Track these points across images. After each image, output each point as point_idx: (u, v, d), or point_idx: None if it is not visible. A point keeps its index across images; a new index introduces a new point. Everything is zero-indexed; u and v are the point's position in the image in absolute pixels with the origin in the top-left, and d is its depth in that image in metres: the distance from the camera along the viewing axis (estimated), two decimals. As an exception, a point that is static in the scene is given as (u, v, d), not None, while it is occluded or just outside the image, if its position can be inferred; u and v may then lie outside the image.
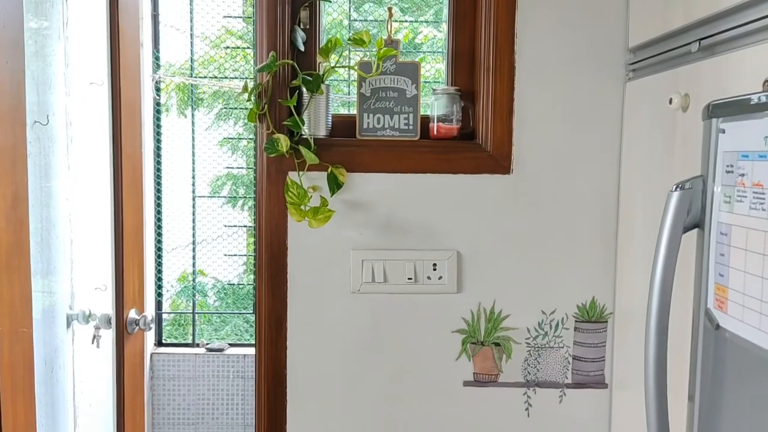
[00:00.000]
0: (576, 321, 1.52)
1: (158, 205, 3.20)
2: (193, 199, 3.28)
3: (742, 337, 0.76)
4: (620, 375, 1.49)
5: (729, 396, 0.80)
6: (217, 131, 3.38)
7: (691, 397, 0.88)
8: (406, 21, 3.26)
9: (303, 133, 1.45)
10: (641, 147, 1.37)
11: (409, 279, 1.49)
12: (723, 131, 0.85)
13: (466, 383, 1.52)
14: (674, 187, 0.88)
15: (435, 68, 3.22)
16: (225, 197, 3.59)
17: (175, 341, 3.31)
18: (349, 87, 2.89)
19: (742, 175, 0.80)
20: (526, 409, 1.53)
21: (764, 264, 0.73)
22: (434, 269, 1.50)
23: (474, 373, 1.52)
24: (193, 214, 3.28)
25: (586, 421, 1.53)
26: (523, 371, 1.52)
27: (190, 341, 3.26)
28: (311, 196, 1.44)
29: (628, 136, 1.44)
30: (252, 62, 3.37)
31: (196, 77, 3.29)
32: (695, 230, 0.90)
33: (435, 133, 1.51)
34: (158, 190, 3.20)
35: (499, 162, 1.48)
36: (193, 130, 3.24)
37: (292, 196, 1.42)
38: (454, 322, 1.51)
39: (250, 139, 3.47)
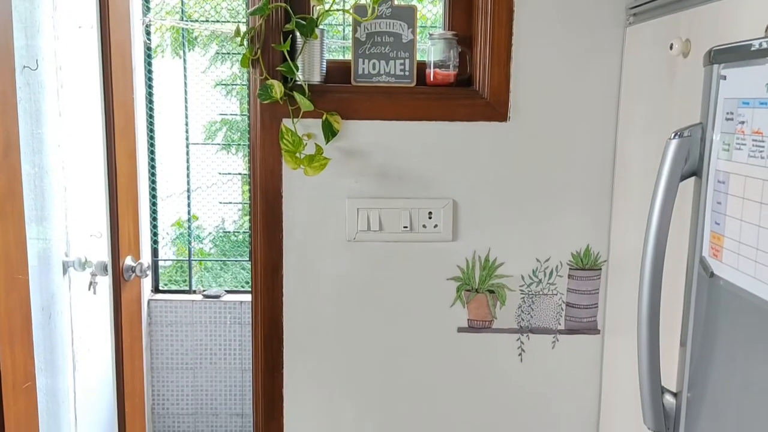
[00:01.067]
0: (570, 268, 1.53)
1: (151, 152, 3.17)
2: (187, 146, 3.25)
3: (736, 284, 0.76)
4: (612, 321, 1.50)
5: (721, 342, 0.81)
6: (213, 74, 3.33)
7: (683, 343, 0.89)
8: (402, -37, 3.17)
9: (297, 79, 1.42)
10: (640, 94, 1.35)
11: (404, 227, 1.49)
12: (724, 78, 0.83)
13: (461, 329, 1.54)
14: (673, 134, 0.87)
15: (432, 12, 3.16)
16: (219, 144, 3.56)
17: (172, 288, 3.34)
18: (344, 31, 2.83)
19: (742, 122, 0.79)
20: (519, 354, 1.55)
21: (761, 212, 0.73)
22: (429, 217, 1.50)
23: (468, 320, 1.54)
24: (187, 161, 3.25)
25: (578, 366, 1.55)
26: (517, 318, 1.54)
27: (186, 288, 3.28)
28: (306, 144, 1.43)
29: (627, 83, 1.43)
30: (245, 3, 3.30)
31: (188, 19, 3.22)
32: (692, 178, 0.89)
33: (431, 79, 1.49)
34: (151, 137, 3.17)
35: (496, 109, 1.46)
36: (185, 75, 3.19)
37: (287, 143, 1.41)
38: (449, 270, 1.52)
39: (244, 85, 3.42)
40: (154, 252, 3.25)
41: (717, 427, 0.82)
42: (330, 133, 1.43)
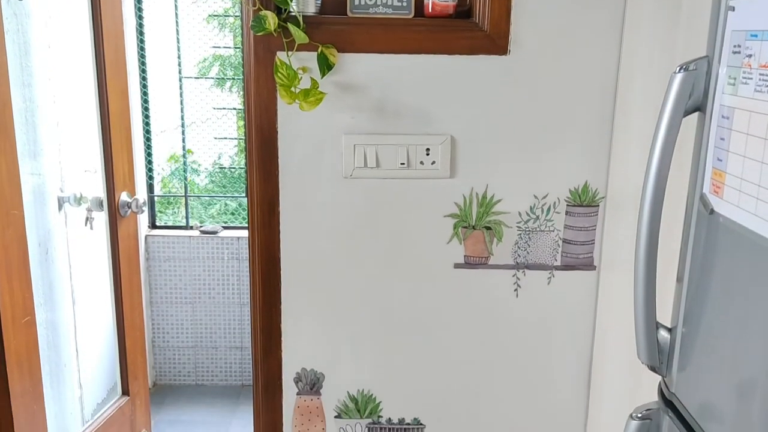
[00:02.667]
0: (567, 205, 1.52)
1: (144, 86, 3.11)
2: (180, 80, 3.19)
3: (737, 222, 0.76)
4: (608, 257, 1.51)
5: (718, 279, 0.81)
6: (205, 5, 3.23)
7: (680, 279, 0.89)
8: None
9: (291, 9, 1.38)
10: (644, 27, 1.31)
11: (401, 164, 1.48)
12: (732, 9, 0.80)
13: (457, 265, 1.54)
14: (678, 68, 0.85)
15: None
16: (213, 78, 3.50)
17: (168, 224, 3.34)
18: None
19: (750, 56, 0.77)
20: (515, 290, 1.56)
21: (765, 149, 0.72)
22: (427, 154, 1.48)
23: (465, 256, 1.54)
24: (181, 95, 3.20)
25: (573, 301, 1.57)
26: (513, 254, 1.54)
27: (183, 224, 3.28)
28: (301, 78, 1.40)
29: (630, 16, 1.39)
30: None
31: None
32: (695, 114, 0.87)
33: (430, 10, 1.44)
34: (143, 71, 3.11)
35: (495, 42, 1.43)
36: (176, 6, 3.10)
37: (282, 77, 1.37)
38: (447, 207, 1.51)
39: (237, 16, 3.33)
40: (150, 188, 3.24)
41: (710, 361, 0.83)
42: (326, 66, 1.40)
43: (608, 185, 1.51)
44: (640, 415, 0.94)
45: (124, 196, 2.26)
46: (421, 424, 1.62)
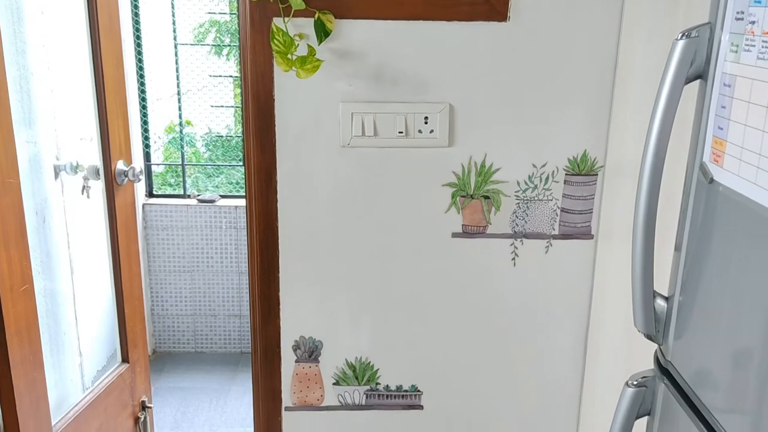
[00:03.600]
0: (566, 174, 1.52)
1: (138, 53, 3.08)
2: (175, 47, 3.16)
3: (736, 191, 0.75)
4: (606, 227, 1.51)
5: (716, 248, 0.81)
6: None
7: (678, 248, 0.89)
8: None
9: (288, -26, 1.36)
10: (646, -7, 1.29)
11: (399, 133, 1.47)
12: (737, -26, 0.79)
13: (455, 235, 1.54)
14: (680, 35, 0.84)
15: None
16: (209, 45, 3.46)
17: (166, 193, 3.33)
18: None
19: (753, 22, 0.75)
20: (513, 259, 1.56)
21: (766, 117, 0.71)
22: (425, 122, 1.47)
23: (463, 225, 1.54)
24: (176, 62, 3.17)
25: (571, 270, 1.57)
26: (511, 223, 1.54)
27: (181, 193, 3.28)
28: (298, 45, 1.38)
29: (633, -19, 1.36)
30: None
31: None
32: (696, 82, 0.87)
33: (429, -25, 1.42)
34: (137, 37, 3.07)
35: (495, 8, 1.41)
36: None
37: (278, 44, 1.36)
38: (445, 176, 1.51)
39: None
40: (147, 156, 3.22)
41: (706, 330, 0.83)
42: (323, 33, 1.38)
43: (607, 154, 1.50)
44: (635, 383, 0.95)
45: (120, 165, 2.24)
46: (418, 391, 1.63)
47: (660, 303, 0.93)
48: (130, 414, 2.40)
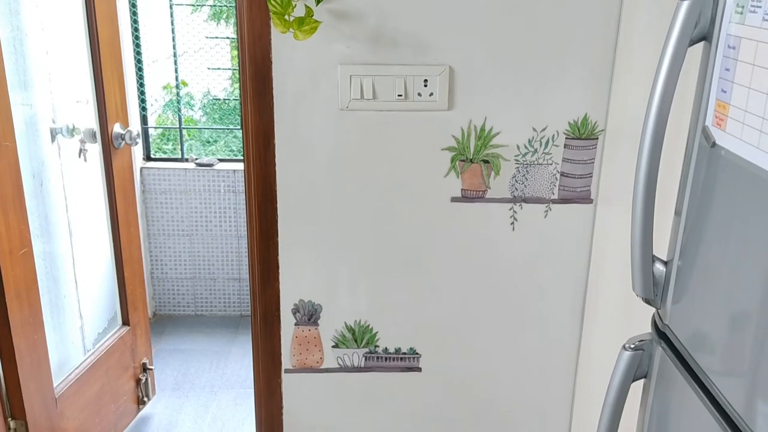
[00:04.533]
0: (566, 138, 1.51)
1: (134, 14, 3.03)
2: (171, 8, 3.11)
3: (739, 155, 0.75)
4: (606, 191, 1.51)
5: (717, 212, 0.81)
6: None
7: (678, 212, 0.89)
8: None
9: (285, -68, 1.33)
10: (651, -48, 1.27)
11: (399, 96, 1.45)
12: (745, -68, 0.77)
13: (454, 199, 1.54)
14: (685, -5, 0.82)
15: None
16: (206, 4, 3.40)
17: (164, 156, 3.31)
18: None
19: (760, -18, 0.74)
20: (512, 223, 1.56)
21: (771, 80, 0.70)
22: (425, 85, 1.45)
23: (462, 190, 1.53)
24: (172, 23, 3.12)
25: (570, 235, 1.57)
26: (511, 187, 1.54)
27: (179, 156, 3.26)
28: (295, 5, 1.35)
29: (637, -60, 1.34)
30: None
31: None
32: (701, 44, 0.85)
33: (429, -66, 1.39)
34: (133, -3, 3.02)
35: (497, -32, 1.38)
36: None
37: (275, 4, 1.33)
38: (444, 140, 1.50)
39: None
40: (143, 119, 3.20)
41: (705, 294, 0.83)
42: (321, -7, 1.36)
43: (608, 118, 1.49)
44: (632, 346, 0.96)
45: (117, 128, 2.23)
46: (417, 353, 1.65)
47: (659, 267, 0.93)
48: (131, 376, 2.42)
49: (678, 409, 0.89)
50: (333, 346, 1.63)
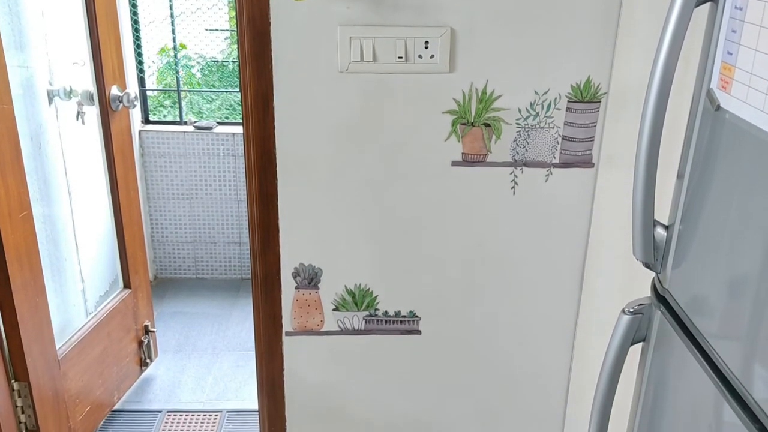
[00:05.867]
0: (568, 101, 1.49)
1: (130, -27, 2.98)
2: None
3: (743, 118, 0.74)
4: (607, 155, 1.50)
5: (720, 176, 0.80)
6: None
7: (681, 176, 0.88)
8: None
9: None
10: None
11: (399, 58, 1.43)
12: None
13: (455, 163, 1.53)
14: (693, -46, 0.80)
15: None
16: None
17: (162, 119, 3.29)
18: None
19: (770, -59, 0.72)
20: (512, 187, 1.56)
21: (779, 42, 0.69)
22: (426, 47, 1.43)
23: (462, 154, 1.52)
24: (169, -16, 3.07)
25: (570, 199, 1.57)
26: (512, 151, 1.53)
27: (177, 119, 3.24)
28: (295, -36, 1.33)
29: None
30: None
31: None
32: (707, 4, 0.84)
33: None
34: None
35: (500, -74, 1.35)
36: None
37: (274, -37, 1.30)
38: (445, 103, 1.48)
39: None
40: (141, 81, 3.17)
41: (706, 258, 0.83)
42: (320, -49, 1.33)
43: (611, 81, 1.47)
44: (632, 310, 0.96)
45: (114, 90, 2.21)
46: (416, 316, 1.66)
47: (659, 232, 0.93)
48: (133, 338, 2.45)
49: (676, 372, 0.89)
50: (333, 309, 1.64)
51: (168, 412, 2.39)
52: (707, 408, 0.80)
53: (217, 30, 3.36)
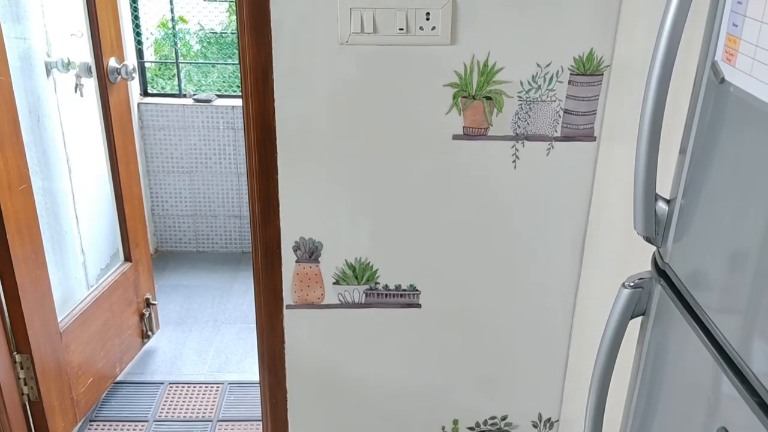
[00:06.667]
0: (571, 74, 1.48)
1: (127, -58, 2.94)
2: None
3: (747, 91, 0.73)
4: (609, 128, 1.49)
5: (722, 150, 0.79)
6: None
7: (683, 150, 0.88)
8: None
9: None
10: None
11: (400, 30, 1.41)
12: None
13: (456, 137, 1.52)
14: (700, -77, 0.79)
15: None
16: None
17: (161, 92, 3.27)
18: None
19: None
20: (514, 161, 1.55)
21: (785, 13, 0.68)
22: (427, 19, 1.41)
23: (464, 127, 1.51)
24: (167, -47, 3.03)
25: (571, 173, 1.56)
26: (513, 125, 1.52)
27: (176, 92, 3.21)
28: (294, -67, 1.31)
29: None
30: None
31: None
32: (713, -24, 0.82)
33: None
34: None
35: None
36: None
37: (273, -68, 1.28)
38: (446, 76, 1.47)
39: None
40: (139, 53, 3.14)
41: (707, 232, 0.83)
42: None
43: (614, 53, 1.46)
44: (632, 284, 0.96)
45: (112, 62, 2.19)
46: (416, 290, 1.66)
47: (661, 206, 0.93)
48: (135, 311, 2.46)
49: (675, 346, 0.90)
50: (334, 283, 1.65)
51: (170, 383, 2.42)
52: (706, 381, 0.81)
53: (215, 0, 3.32)
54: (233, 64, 3.47)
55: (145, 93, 3.17)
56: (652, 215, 0.92)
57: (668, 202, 0.92)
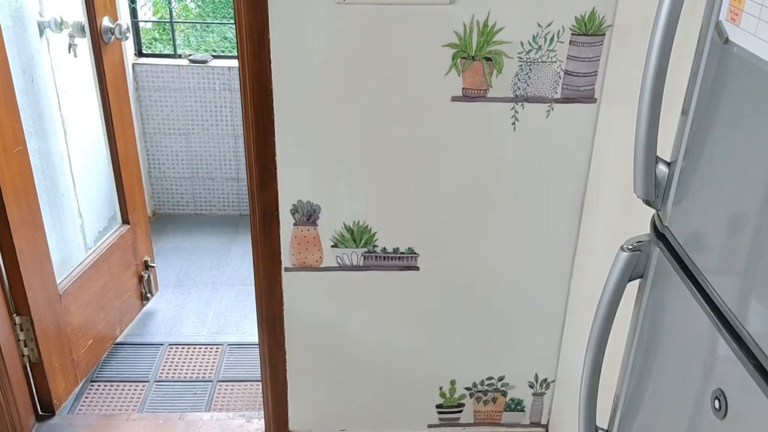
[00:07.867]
0: (572, 34, 1.46)
1: None
2: None
3: (752, 52, 0.72)
4: (610, 90, 1.47)
5: (725, 111, 0.78)
6: None
7: (685, 112, 0.87)
8: None
9: None
10: None
11: (399, -14, 1.39)
12: None
13: (455, 98, 1.51)
14: None
15: None
16: None
17: (156, 52, 3.22)
18: None
19: None
20: (513, 123, 1.54)
21: (793, -29, 0.66)
22: (426, -24, 1.38)
23: (463, 89, 1.50)
24: None
25: (571, 135, 1.55)
26: (513, 86, 1.50)
27: (171, 52, 3.17)
28: None
29: None
30: None
31: None
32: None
33: None
34: None
35: None
36: None
37: None
38: (445, 36, 1.44)
39: None
40: (133, 12, 3.09)
41: (707, 195, 0.82)
42: None
43: (617, 12, 1.43)
44: (630, 247, 0.96)
45: (106, 21, 2.15)
46: (414, 253, 1.66)
47: (661, 168, 0.92)
48: (133, 273, 2.46)
49: (672, 308, 0.90)
50: (332, 246, 1.65)
51: (170, 345, 2.43)
52: (702, 342, 0.81)
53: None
54: (230, 23, 3.42)
55: (140, 53, 3.13)
56: (652, 178, 0.91)
57: (668, 164, 0.92)
